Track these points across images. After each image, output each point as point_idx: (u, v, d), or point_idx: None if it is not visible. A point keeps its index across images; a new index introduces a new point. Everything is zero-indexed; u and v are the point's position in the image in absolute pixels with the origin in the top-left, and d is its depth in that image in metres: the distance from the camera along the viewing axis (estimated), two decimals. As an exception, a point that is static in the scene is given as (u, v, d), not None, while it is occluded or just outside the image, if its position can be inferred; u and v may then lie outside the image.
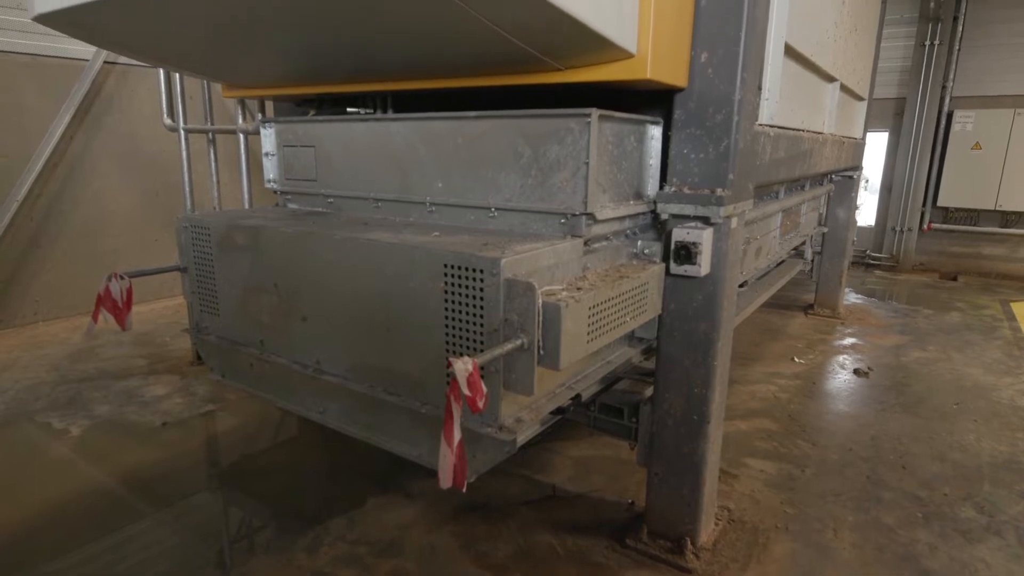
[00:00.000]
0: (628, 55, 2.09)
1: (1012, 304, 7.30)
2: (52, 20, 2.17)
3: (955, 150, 8.55)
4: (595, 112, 2.07)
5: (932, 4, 8.22)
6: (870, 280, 8.62)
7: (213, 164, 4.85)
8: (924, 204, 8.95)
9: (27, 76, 5.81)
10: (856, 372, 5.04)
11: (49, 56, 5.91)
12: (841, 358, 5.40)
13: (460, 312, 1.95)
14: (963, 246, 8.86)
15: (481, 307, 1.90)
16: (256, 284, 2.60)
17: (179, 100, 4.62)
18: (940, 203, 8.79)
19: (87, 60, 6.13)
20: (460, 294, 1.94)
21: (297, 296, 2.46)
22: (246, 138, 4.70)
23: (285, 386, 2.67)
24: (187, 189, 4.81)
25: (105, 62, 6.25)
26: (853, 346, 5.73)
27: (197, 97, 5.13)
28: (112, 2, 1.94)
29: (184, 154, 4.73)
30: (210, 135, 4.84)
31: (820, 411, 4.33)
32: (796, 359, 5.33)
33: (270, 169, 3.13)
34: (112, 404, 4.29)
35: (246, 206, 4.76)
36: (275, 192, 3.19)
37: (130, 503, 3.21)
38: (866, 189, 8.78)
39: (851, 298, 7.47)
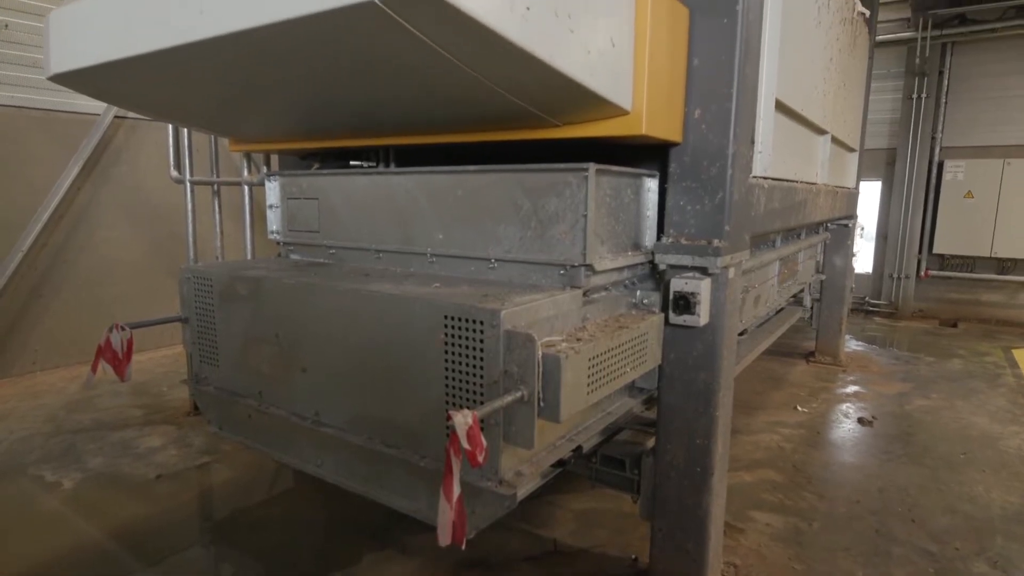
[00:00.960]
0: (623, 112, 2.16)
1: (1014, 351, 7.27)
2: (67, 80, 2.25)
3: (948, 199, 8.69)
4: (592, 167, 2.12)
5: (918, 59, 8.50)
6: (870, 327, 8.61)
7: (217, 215, 4.91)
8: (920, 251, 9.03)
9: (38, 130, 5.95)
10: (860, 421, 4.98)
11: (61, 111, 6.07)
12: (844, 406, 5.34)
13: (460, 364, 1.95)
14: (961, 293, 8.89)
15: (481, 359, 1.90)
16: (257, 335, 2.61)
17: (186, 153, 4.72)
18: (936, 250, 8.87)
19: (98, 115, 6.29)
20: (460, 345, 1.94)
21: (298, 347, 2.47)
22: (250, 190, 4.78)
23: (283, 438, 2.64)
24: (191, 240, 4.86)
25: (115, 117, 6.41)
26: (856, 394, 5.68)
27: (204, 150, 5.25)
28: (124, 64, 2.01)
29: (189, 205, 4.80)
30: (215, 187, 4.93)
31: (825, 461, 4.27)
32: (799, 408, 5.28)
33: (273, 220, 3.18)
34: (106, 456, 4.22)
35: (249, 256, 4.81)
36: (278, 243, 3.24)
37: (121, 558, 3.12)
38: (862, 237, 8.87)
39: (852, 345, 7.45)
